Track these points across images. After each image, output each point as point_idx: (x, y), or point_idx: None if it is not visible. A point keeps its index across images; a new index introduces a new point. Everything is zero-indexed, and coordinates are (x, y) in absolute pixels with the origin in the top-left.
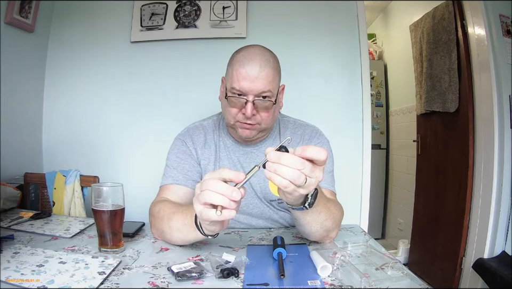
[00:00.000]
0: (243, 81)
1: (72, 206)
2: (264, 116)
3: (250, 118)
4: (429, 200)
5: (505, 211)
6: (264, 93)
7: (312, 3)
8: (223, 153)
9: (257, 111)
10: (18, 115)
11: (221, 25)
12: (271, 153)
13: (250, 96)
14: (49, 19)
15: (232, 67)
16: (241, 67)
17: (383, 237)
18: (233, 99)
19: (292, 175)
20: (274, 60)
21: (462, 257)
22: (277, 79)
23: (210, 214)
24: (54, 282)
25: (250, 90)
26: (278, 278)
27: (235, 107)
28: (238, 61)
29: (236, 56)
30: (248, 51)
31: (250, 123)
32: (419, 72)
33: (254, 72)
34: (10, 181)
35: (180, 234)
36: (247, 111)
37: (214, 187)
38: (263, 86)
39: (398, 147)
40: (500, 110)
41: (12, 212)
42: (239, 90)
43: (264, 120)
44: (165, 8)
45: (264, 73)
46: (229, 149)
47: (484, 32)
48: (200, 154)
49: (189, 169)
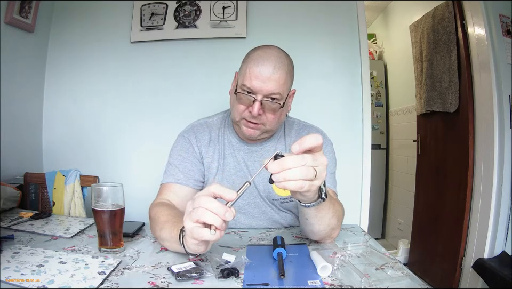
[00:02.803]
0: (255, 80)
1: (72, 206)
2: (270, 117)
3: (256, 117)
4: (429, 200)
5: (505, 211)
6: (274, 95)
7: (312, 3)
8: (228, 151)
9: (264, 111)
10: (18, 115)
11: (221, 25)
12: (271, 165)
13: (259, 96)
14: (49, 19)
15: (246, 65)
16: (255, 66)
17: (383, 237)
18: (242, 96)
19: (301, 173)
20: (289, 64)
21: (462, 257)
22: (288, 82)
23: (202, 232)
24: (54, 282)
25: (260, 89)
26: (278, 278)
27: (243, 104)
28: (254, 59)
29: (252, 54)
30: (265, 51)
31: (255, 122)
32: (419, 72)
33: (267, 73)
34: (10, 181)
35: (168, 244)
36: (254, 109)
37: (207, 205)
38: (274, 87)
39: (398, 147)
40: (500, 110)
41: (12, 212)
42: (250, 88)
43: (269, 122)
44: (165, 8)
45: (276, 75)
46: (234, 147)
47: (483, 32)
48: (204, 152)
49: (190, 168)
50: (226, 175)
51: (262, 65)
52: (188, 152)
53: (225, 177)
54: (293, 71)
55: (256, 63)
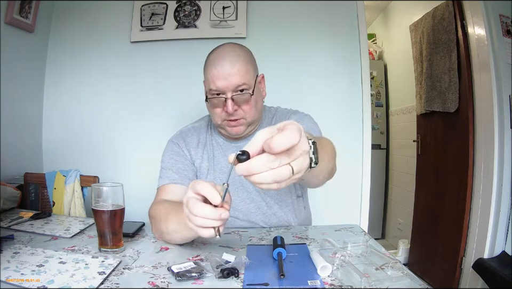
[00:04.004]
0: (217, 81)
1: (72, 206)
2: (246, 109)
3: (233, 114)
4: (429, 200)
5: (505, 211)
6: (240, 87)
7: (312, 3)
8: (217, 151)
9: (238, 106)
10: (18, 115)
11: (221, 25)
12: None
13: (229, 93)
14: (49, 19)
15: (206, 70)
16: (213, 68)
17: (383, 237)
18: (214, 100)
19: (273, 176)
20: (245, 54)
21: (462, 257)
22: (251, 70)
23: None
24: (54, 282)
25: (226, 87)
26: (278, 278)
27: (218, 107)
28: (210, 63)
29: (207, 59)
30: (218, 51)
31: (234, 119)
32: (419, 72)
33: (225, 70)
34: (10, 181)
35: (178, 234)
36: (228, 108)
37: (201, 213)
38: (237, 80)
39: (398, 147)
40: (500, 110)
41: (12, 212)
42: (216, 89)
43: (247, 113)
44: (165, 8)
45: (235, 69)
46: (222, 147)
47: (483, 32)
48: (193, 154)
49: (183, 168)
50: (218, 174)
51: (218, 64)
52: (179, 155)
53: (218, 176)
54: (252, 59)
55: (213, 65)
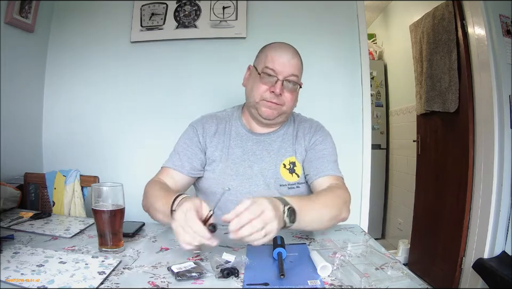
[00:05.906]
0: (277, 62)
1: (72, 206)
2: (288, 98)
3: (277, 97)
4: (429, 200)
5: (505, 211)
6: (292, 77)
7: (312, 3)
8: (234, 142)
9: (284, 92)
10: (18, 115)
11: (221, 25)
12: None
13: (281, 76)
14: (49, 19)
15: (265, 53)
16: (275, 52)
17: (383, 237)
18: (265, 77)
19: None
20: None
21: (462, 257)
22: (301, 71)
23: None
24: (54, 282)
25: (281, 71)
26: (278, 278)
27: (265, 85)
28: (273, 47)
29: (268, 46)
30: (280, 44)
31: (276, 102)
32: (419, 72)
33: (286, 58)
34: (10, 181)
35: (161, 216)
36: (277, 88)
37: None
38: (293, 70)
39: (398, 147)
40: (500, 110)
41: (12, 212)
42: (272, 69)
43: (287, 102)
44: (165, 8)
45: (294, 61)
46: (242, 138)
47: (484, 32)
48: (208, 142)
49: (190, 156)
50: (230, 164)
51: (282, 52)
52: (192, 141)
53: (229, 166)
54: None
55: (276, 50)
